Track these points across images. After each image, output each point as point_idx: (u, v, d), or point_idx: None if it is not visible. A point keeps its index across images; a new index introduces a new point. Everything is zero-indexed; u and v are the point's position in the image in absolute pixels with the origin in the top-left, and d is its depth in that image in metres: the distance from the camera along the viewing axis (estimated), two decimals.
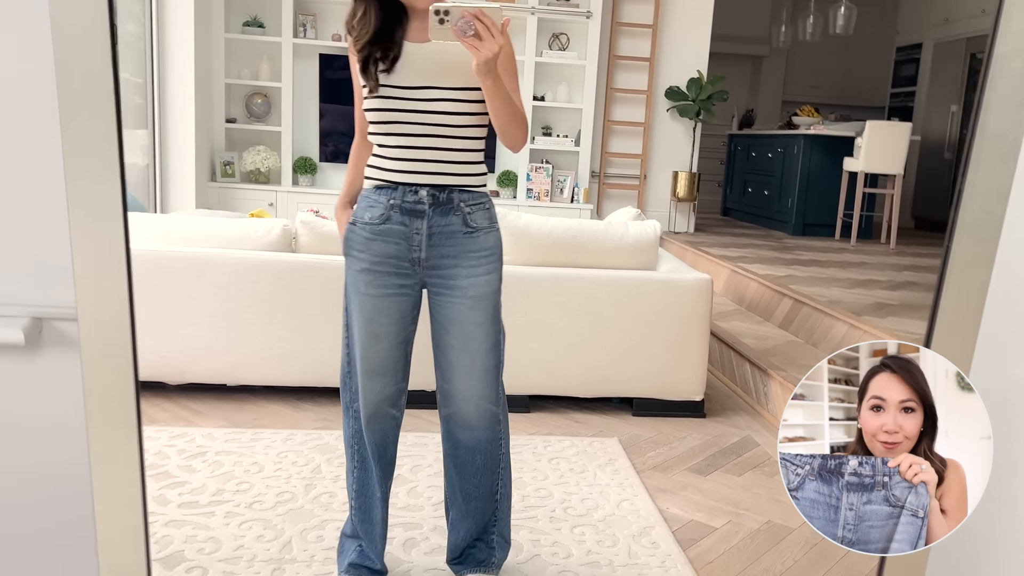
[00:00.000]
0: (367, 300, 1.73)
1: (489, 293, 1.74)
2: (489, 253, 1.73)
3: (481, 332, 1.74)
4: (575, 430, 3.02)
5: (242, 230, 3.08)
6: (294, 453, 2.68)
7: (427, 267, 1.72)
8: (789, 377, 3.18)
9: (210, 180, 5.97)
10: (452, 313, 1.73)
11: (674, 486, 2.59)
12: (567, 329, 3.10)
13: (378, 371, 1.76)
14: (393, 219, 1.69)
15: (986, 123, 0.82)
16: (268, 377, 3.11)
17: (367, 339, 1.73)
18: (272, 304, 3.04)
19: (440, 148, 1.66)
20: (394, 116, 1.65)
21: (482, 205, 1.73)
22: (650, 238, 3.15)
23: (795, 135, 7.05)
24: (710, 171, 9.37)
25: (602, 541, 2.19)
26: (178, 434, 2.78)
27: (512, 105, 1.62)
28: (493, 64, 1.51)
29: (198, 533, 2.13)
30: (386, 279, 1.71)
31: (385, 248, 1.70)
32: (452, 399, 1.80)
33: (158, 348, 3.03)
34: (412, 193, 1.68)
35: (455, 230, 1.69)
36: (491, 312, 1.75)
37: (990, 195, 0.85)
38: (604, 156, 6.70)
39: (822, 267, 5.10)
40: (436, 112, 1.64)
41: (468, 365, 1.75)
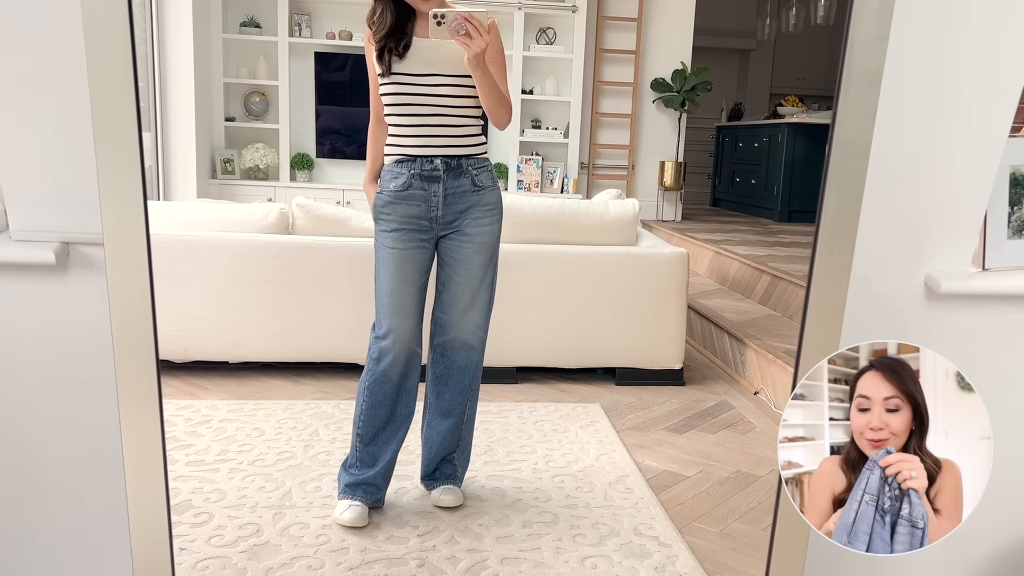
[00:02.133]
0: (396, 253, 2.04)
1: (491, 241, 2.10)
2: (492, 208, 2.10)
3: (481, 272, 2.10)
4: (560, 398, 3.19)
5: (242, 214, 3.25)
6: (293, 419, 2.84)
7: (443, 223, 2.07)
8: (764, 345, 3.35)
9: (211, 177, 6.15)
10: (459, 255, 2.08)
11: (651, 443, 2.75)
12: (551, 303, 3.27)
13: (408, 310, 2.07)
14: (415, 185, 2.03)
15: (852, 54, 0.97)
16: (268, 353, 3.28)
17: (398, 284, 2.05)
18: (271, 284, 3.20)
19: (447, 124, 2.01)
20: (408, 99, 1.99)
21: (485, 168, 2.09)
22: (629, 215, 3.32)
23: (779, 124, 7.22)
24: (699, 163, 9.55)
25: (580, 487, 2.36)
26: (184, 405, 2.95)
27: (497, 91, 1.97)
28: (481, 58, 1.87)
29: (204, 486, 2.30)
30: (411, 235, 2.05)
31: (409, 210, 2.04)
32: (451, 327, 2.13)
33: (164, 328, 3.19)
34: (429, 163, 2.02)
35: (465, 190, 2.04)
36: (491, 255, 2.11)
37: (860, 116, 1.00)
38: (593, 147, 6.87)
39: (803, 248, 5.27)
40: (442, 95, 1.98)
41: (470, 299, 2.11)
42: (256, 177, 6.27)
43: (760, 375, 3.29)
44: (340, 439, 2.67)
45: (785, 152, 7.04)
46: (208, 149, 6.10)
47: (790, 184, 7.09)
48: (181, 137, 5.60)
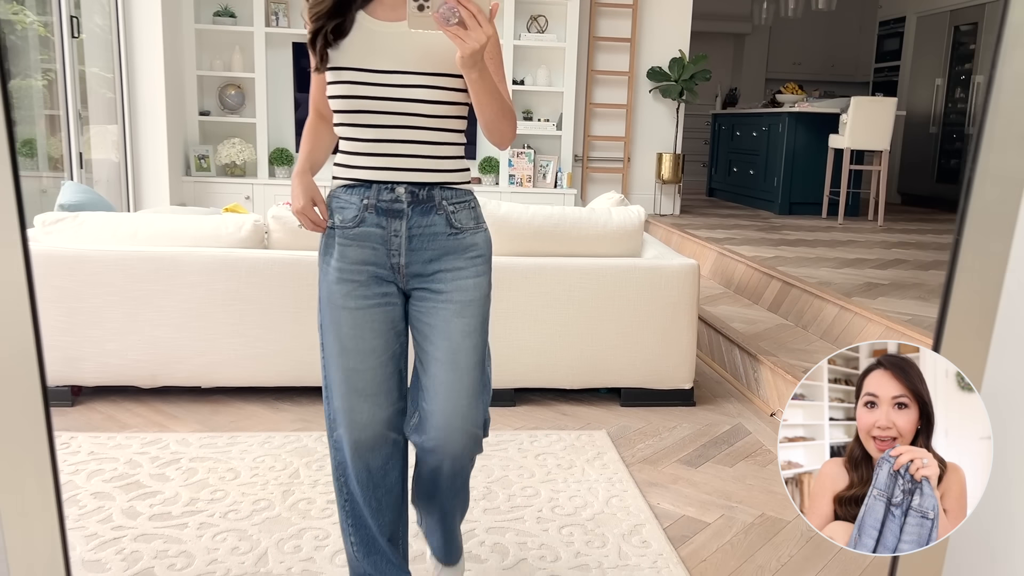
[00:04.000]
0: (347, 314, 1.54)
1: (477, 299, 1.56)
2: (476, 254, 1.57)
3: (468, 343, 1.55)
4: (562, 423, 2.94)
5: (212, 227, 2.96)
6: (271, 457, 2.58)
7: (408, 273, 1.55)
8: (779, 363, 3.11)
9: (184, 175, 5.84)
10: (436, 320, 1.54)
11: (664, 479, 2.51)
12: (552, 320, 3.01)
13: (369, 391, 1.57)
14: (368, 221, 1.52)
15: (999, 101, 0.72)
16: (244, 378, 3.01)
17: (353, 357, 1.55)
18: (245, 303, 2.93)
19: (418, 141, 1.49)
20: (364, 104, 1.47)
21: (467, 203, 1.57)
22: (634, 224, 3.06)
23: (779, 113, 6.96)
24: (695, 151, 9.29)
25: (591, 542, 2.11)
26: (151, 440, 2.68)
27: (500, 99, 1.45)
28: (480, 55, 1.34)
29: (170, 547, 2.04)
30: (366, 288, 1.54)
31: (362, 254, 1.53)
32: (433, 423, 1.56)
33: (127, 352, 2.92)
34: (388, 191, 1.51)
35: (438, 231, 1.53)
36: (479, 320, 1.57)
37: (1005, 182, 0.75)
38: (587, 139, 6.59)
39: (810, 247, 5.03)
40: (412, 100, 1.46)
41: (454, 382, 1.54)
42: (233, 174, 5.96)
43: (777, 396, 3.06)
44: (322, 481, 2.41)
45: (786, 142, 6.80)
46: (181, 145, 5.78)
47: (791, 176, 6.85)
48: (151, 133, 5.28)
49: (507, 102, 1.49)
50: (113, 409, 2.95)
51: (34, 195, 4.69)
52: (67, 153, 4.51)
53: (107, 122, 5.31)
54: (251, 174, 6.05)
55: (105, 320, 2.90)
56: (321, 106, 1.63)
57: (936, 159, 7.97)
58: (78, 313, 2.89)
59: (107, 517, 2.17)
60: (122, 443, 2.66)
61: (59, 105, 4.51)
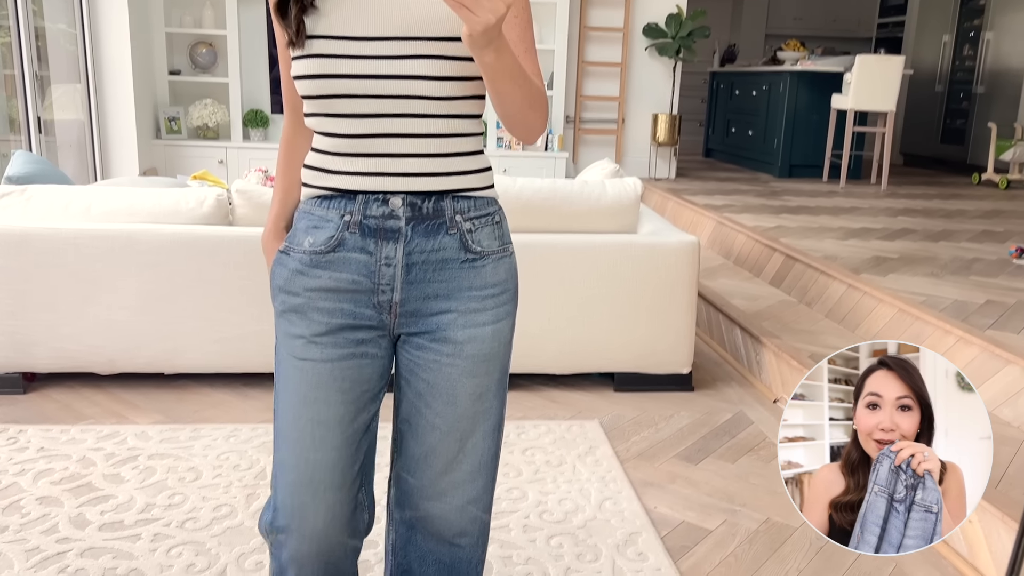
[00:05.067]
0: (308, 368, 1.13)
1: (496, 351, 1.17)
2: (500, 291, 1.17)
3: (479, 408, 1.18)
4: (552, 412, 2.75)
5: (171, 202, 2.72)
6: (236, 454, 2.38)
7: (403, 313, 1.14)
8: (784, 346, 2.92)
9: (155, 138, 5.55)
10: (437, 379, 1.16)
11: (662, 478, 2.33)
12: (541, 301, 2.80)
13: (327, 483, 1.15)
14: (349, 244, 1.11)
15: None
16: (209, 364, 2.80)
17: (308, 429, 1.14)
18: (209, 284, 2.71)
19: (421, 134, 1.10)
20: (344, 85, 1.07)
21: (489, 218, 1.16)
22: (630, 198, 2.84)
23: (780, 72, 6.68)
24: (691, 111, 9.00)
25: (582, 555, 1.93)
26: (108, 434, 2.48)
27: (527, 84, 1.03)
28: (496, 31, 0.93)
29: (119, 564, 1.84)
30: (337, 336, 1.13)
31: (335, 287, 1.13)
32: (424, 498, 1.22)
33: (82, 336, 2.70)
34: (379, 204, 1.10)
35: (448, 257, 1.13)
36: (496, 379, 1.19)
37: None
38: (579, 100, 6.31)
39: (812, 214, 4.81)
40: (412, 76, 1.06)
41: (455, 455, 1.19)
42: (206, 136, 5.67)
43: (780, 381, 2.87)
44: None
45: (787, 102, 6.53)
46: (151, 107, 5.48)
47: (792, 137, 6.60)
48: (118, 93, 4.98)
49: (536, 85, 1.07)
50: (69, 397, 2.75)
51: None
52: (23, 117, 4.22)
53: (70, 80, 5.01)
54: (224, 137, 5.76)
55: (58, 303, 2.68)
56: (295, 101, 1.21)
57: (941, 119, 7.71)
58: (28, 295, 2.66)
59: (52, 527, 1.98)
60: (76, 437, 2.46)
61: (14, 64, 4.21)
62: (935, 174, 7.38)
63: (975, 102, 7.29)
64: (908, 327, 2.88)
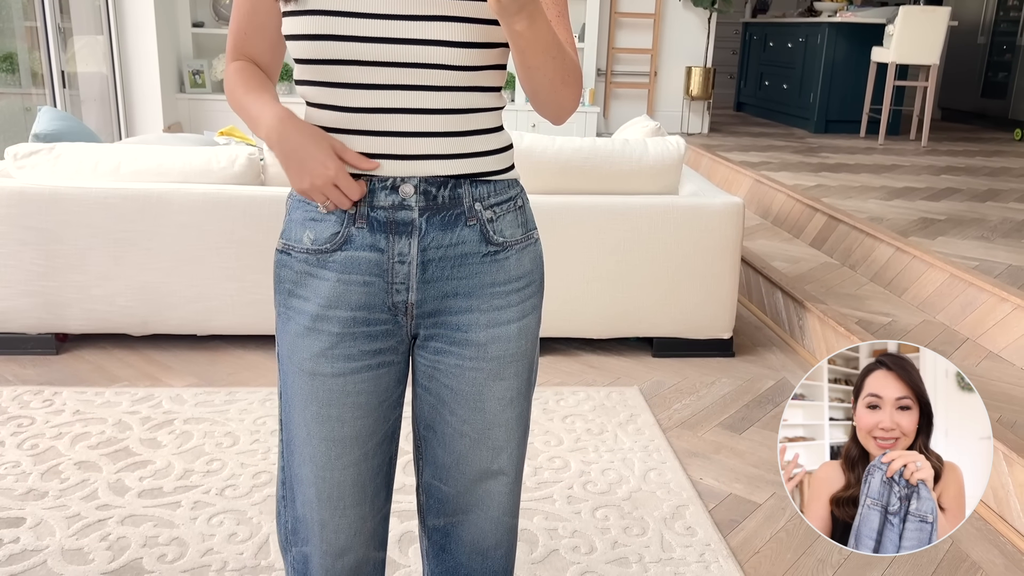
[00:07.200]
0: (318, 384, 1.03)
1: (523, 350, 1.08)
2: (526, 283, 1.06)
3: (508, 414, 1.09)
4: (591, 378, 2.69)
5: (203, 162, 2.66)
6: (272, 419, 2.36)
7: (419, 314, 1.04)
8: (829, 311, 2.83)
9: (179, 92, 5.46)
10: (461, 384, 1.06)
11: (706, 448, 2.28)
12: (579, 264, 2.72)
13: (350, 499, 1.08)
14: (357, 241, 0.99)
15: None
16: (242, 325, 2.76)
17: (322, 448, 1.05)
18: (242, 244, 2.65)
19: (436, 109, 0.96)
20: (349, 50, 0.93)
21: (511, 203, 1.04)
22: (673, 158, 2.73)
23: (818, 23, 6.44)
24: (723, 63, 8.75)
25: (629, 528, 1.89)
26: (142, 397, 2.46)
27: (561, 55, 0.92)
28: None
29: (160, 533, 1.82)
30: (350, 344, 1.02)
31: (345, 291, 1.01)
32: (454, 507, 1.15)
33: (114, 297, 2.67)
34: (388, 192, 0.98)
35: (468, 251, 1.01)
36: (524, 380, 1.10)
37: None
38: (611, 52, 6.13)
39: (852, 172, 4.67)
40: (425, 41, 0.93)
41: (485, 463, 1.10)
42: None
43: (826, 348, 2.79)
44: None
45: (825, 55, 6.31)
46: (174, 60, 5.38)
47: (828, 91, 6.40)
48: (140, 46, 4.88)
49: (570, 56, 0.95)
50: (102, 358, 2.72)
51: (16, 114, 4.36)
52: (47, 70, 4.14)
53: (93, 32, 4.91)
54: None
55: (88, 264, 2.64)
56: (252, 49, 1.05)
57: (983, 72, 7.44)
58: (58, 256, 2.63)
59: (92, 493, 1.96)
60: (111, 400, 2.44)
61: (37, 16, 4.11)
62: (975, 129, 7.15)
63: (1019, 55, 7.01)
64: (960, 294, 2.78)
